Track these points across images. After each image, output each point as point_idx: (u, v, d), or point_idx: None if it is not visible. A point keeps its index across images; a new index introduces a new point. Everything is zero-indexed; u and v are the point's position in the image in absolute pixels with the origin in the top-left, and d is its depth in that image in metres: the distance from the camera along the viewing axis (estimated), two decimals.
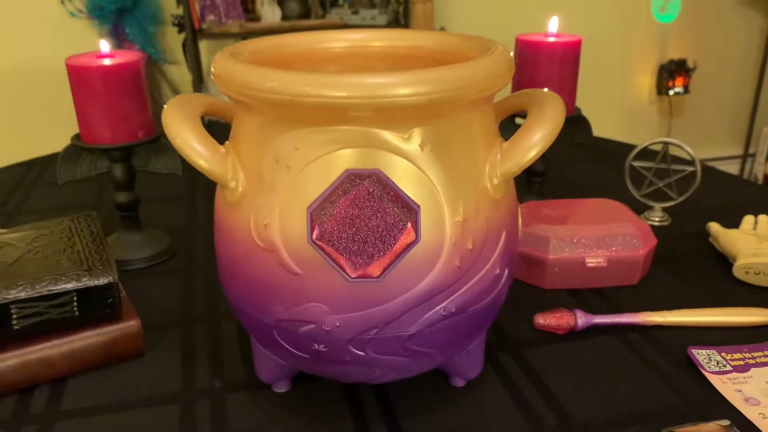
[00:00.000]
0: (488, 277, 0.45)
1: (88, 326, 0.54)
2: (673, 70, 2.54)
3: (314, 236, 0.41)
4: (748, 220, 0.75)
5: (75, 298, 0.52)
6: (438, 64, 0.52)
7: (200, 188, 0.92)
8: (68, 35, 2.00)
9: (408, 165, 0.41)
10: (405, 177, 0.41)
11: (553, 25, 0.75)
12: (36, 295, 0.51)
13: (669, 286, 0.66)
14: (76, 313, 0.53)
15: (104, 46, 0.66)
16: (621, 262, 0.65)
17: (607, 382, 0.53)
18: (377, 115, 0.40)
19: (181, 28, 1.99)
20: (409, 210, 0.41)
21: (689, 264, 0.71)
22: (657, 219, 0.80)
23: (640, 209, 0.82)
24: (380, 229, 0.41)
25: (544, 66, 0.73)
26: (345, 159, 0.41)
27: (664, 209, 0.81)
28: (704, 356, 0.55)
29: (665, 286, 0.66)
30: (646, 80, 2.60)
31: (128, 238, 0.71)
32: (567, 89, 0.75)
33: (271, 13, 1.94)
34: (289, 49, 0.53)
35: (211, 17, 1.89)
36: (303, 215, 0.41)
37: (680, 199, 0.78)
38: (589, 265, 0.64)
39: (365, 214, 0.41)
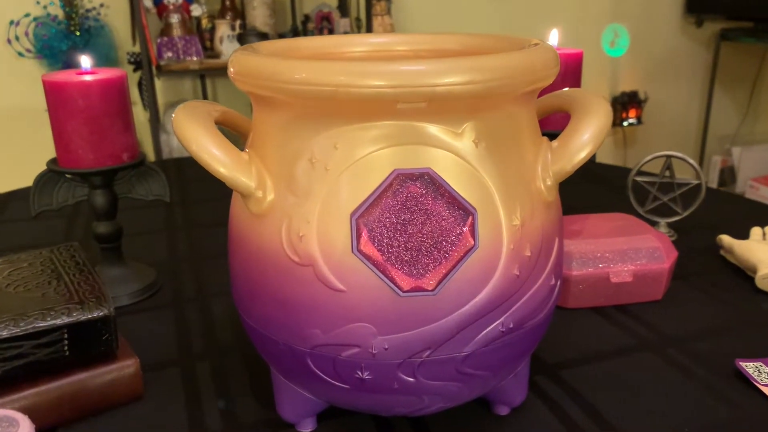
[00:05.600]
0: (544, 288, 0.41)
1: (81, 368, 0.47)
2: (625, 102, 2.60)
3: (360, 245, 0.36)
4: (756, 231, 0.73)
5: (65, 336, 0.46)
6: None
7: (180, 218, 0.86)
8: (17, 76, 1.91)
9: (461, 163, 0.37)
10: (458, 177, 0.37)
11: (553, 38, 0.73)
12: (20, 333, 0.44)
13: (693, 300, 0.64)
14: (67, 353, 0.46)
15: (85, 61, 0.61)
16: (647, 276, 0.61)
17: (656, 399, 0.49)
18: (428, 107, 0.36)
19: (137, 65, 1.93)
20: (465, 213, 0.37)
21: (707, 278, 0.68)
22: None
23: None
24: (435, 235, 0.36)
25: None
26: (392, 158, 0.36)
27: (669, 224, 0.79)
28: (753, 369, 0.51)
29: (690, 300, 0.64)
30: None
31: (110, 273, 0.65)
32: None
33: (231, 50, 1.89)
34: (303, 53, 0.49)
35: (169, 54, 1.83)
36: (346, 223, 0.36)
37: (686, 213, 0.76)
38: (614, 280, 0.61)
39: (418, 219, 0.36)
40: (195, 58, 1.84)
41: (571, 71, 0.71)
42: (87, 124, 0.58)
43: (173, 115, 0.40)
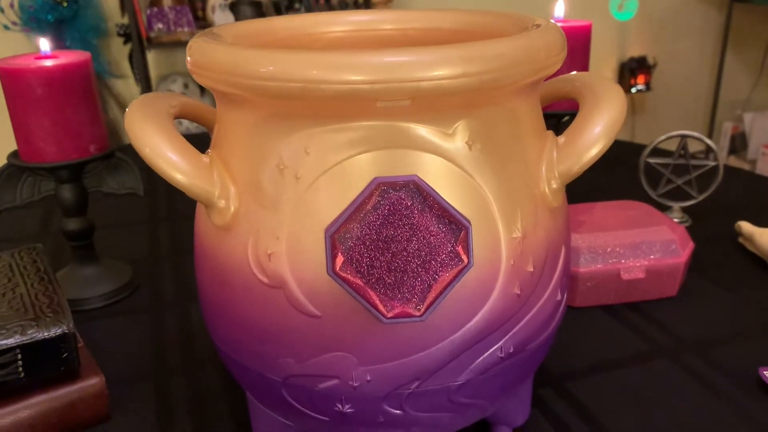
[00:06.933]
0: (549, 305, 0.36)
1: (38, 390, 0.43)
2: (634, 68, 2.52)
3: (337, 266, 0.31)
4: None
5: (19, 357, 0.41)
6: None
7: (161, 210, 0.81)
8: (3, 49, 1.85)
9: (453, 169, 0.32)
10: (450, 184, 0.32)
11: (560, 9, 0.67)
12: None
13: (711, 297, 0.59)
14: (22, 375, 0.42)
15: (44, 44, 0.55)
16: (661, 272, 0.56)
17: (671, 416, 0.44)
18: (414, 104, 0.30)
19: (127, 38, 1.86)
20: (458, 227, 0.32)
21: (725, 269, 0.63)
22: (677, 220, 0.72)
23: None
24: (423, 254, 0.31)
25: None
26: (372, 164, 0.31)
27: (684, 209, 0.74)
28: None
29: (707, 297, 0.59)
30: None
31: (82, 273, 0.60)
32: None
33: (223, 20, 1.83)
34: (279, 34, 0.43)
35: (159, 26, 1.77)
36: (320, 240, 0.31)
37: (701, 197, 0.71)
38: (625, 277, 0.56)
39: (402, 235, 0.31)
40: (186, 29, 1.77)
41: (579, 47, 0.65)
42: (48, 115, 0.53)
43: (127, 109, 0.35)
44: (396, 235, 0.31)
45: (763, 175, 0.88)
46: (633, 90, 2.52)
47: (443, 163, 0.32)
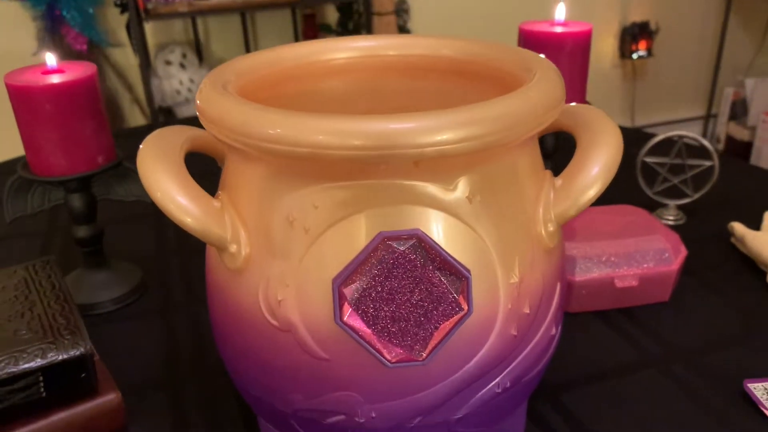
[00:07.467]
0: (544, 341, 0.38)
1: (59, 407, 0.45)
2: (636, 33, 2.49)
3: (344, 316, 0.33)
4: None
5: (41, 378, 0.43)
6: (462, 76, 0.45)
7: None
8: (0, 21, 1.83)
9: (454, 222, 0.33)
10: (451, 237, 0.33)
11: (560, 12, 0.67)
12: None
13: (702, 302, 0.61)
14: (44, 395, 0.44)
15: (50, 59, 0.56)
16: (653, 280, 0.58)
17: (659, 427, 0.47)
18: (417, 166, 0.32)
19: (123, 8, 1.84)
20: (458, 277, 0.33)
21: (717, 272, 0.65)
22: (672, 218, 0.74)
23: (652, 207, 0.76)
24: (425, 304, 0.33)
25: (552, 59, 0.65)
26: (377, 219, 0.33)
27: (679, 207, 0.76)
28: (762, 391, 0.49)
29: (698, 302, 0.61)
30: (609, 44, 2.55)
31: (92, 278, 0.62)
32: (577, 84, 0.67)
33: None
34: (284, 64, 0.44)
35: None
36: (327, 290, 0.33)
37: (696, 196, 0.73)
38: (619, 285, 0.58)
39: (406, 287, 0.33)
40: (184, 0, 1.75)
41: (579, 51, 0.66)
42: (56, 130, 0.54)
43: (139, 150, 0.37)
44: (400, 286, 0.33)
45: (760, 167, 0.90)
46: (634, 56, 2.50)
47: (445, 216, 0.33)
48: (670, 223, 0.74)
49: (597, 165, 0.37)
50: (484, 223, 0.34)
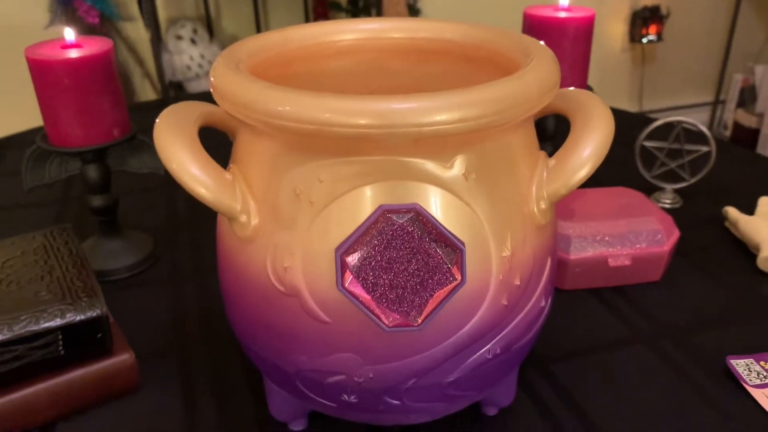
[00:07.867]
0: (533, 312, 0.40)
1: (76, 365, 0.48)
2: (646, 17, 2.49)
3: (345, 282, 0.35)
4: (764, 202, 0.72)
5: (60, 337, 0.46)
6: (465, 59, 0.47)
7: None
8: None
9: (450, 197, 0.36)
10: (447, 211, 0.36)
11: None
12: (15, 338, 0.45)
13: (692, 282, 0.63)
14: (62, 353, 0.47)
15: (69, 34, 0.58)
16: (645, 260, 0.61)
17: (645, 401, 0.49)
18: (416, 143, 0.34)
19: None
20: (453, 249, 0.36)
21: (709, 254, 0.67)
22: (668, 201, 0.76)
23: (650, 190, 0.78)
24: (421, 273, 0.36)
25: (555, 44, 0.68)
26: (378, 193, 0.35)
27: (676, 190, 0.77)
28: (743, 367, 0.52)
29: (689, 282, 0.63)
30: (619, 28, 2.55)
31: (107, 246, 0.65)
32: (579, 68, 0.69)
33: None
34: (291, 45, 0.46)
35: None
36: (331, 258, 0.36)
37: (693, 180, 0.75)
38: (612, 264, 0.60)
39: (403, 257, 0.35)
40: None
41: (582, 37, 0.67)
42: (74, 102, 0.57)
43: (155, 124, 0.39)
44: (398, 256, 0.35)
45: (758, 153, 0.91)
46: (644, 40, 2.50)
47: (442, 192, 0.35)
48: (667, 206, 0.76)
49: (588, 147, 0.39)
50: (479, 199, 0.36)
